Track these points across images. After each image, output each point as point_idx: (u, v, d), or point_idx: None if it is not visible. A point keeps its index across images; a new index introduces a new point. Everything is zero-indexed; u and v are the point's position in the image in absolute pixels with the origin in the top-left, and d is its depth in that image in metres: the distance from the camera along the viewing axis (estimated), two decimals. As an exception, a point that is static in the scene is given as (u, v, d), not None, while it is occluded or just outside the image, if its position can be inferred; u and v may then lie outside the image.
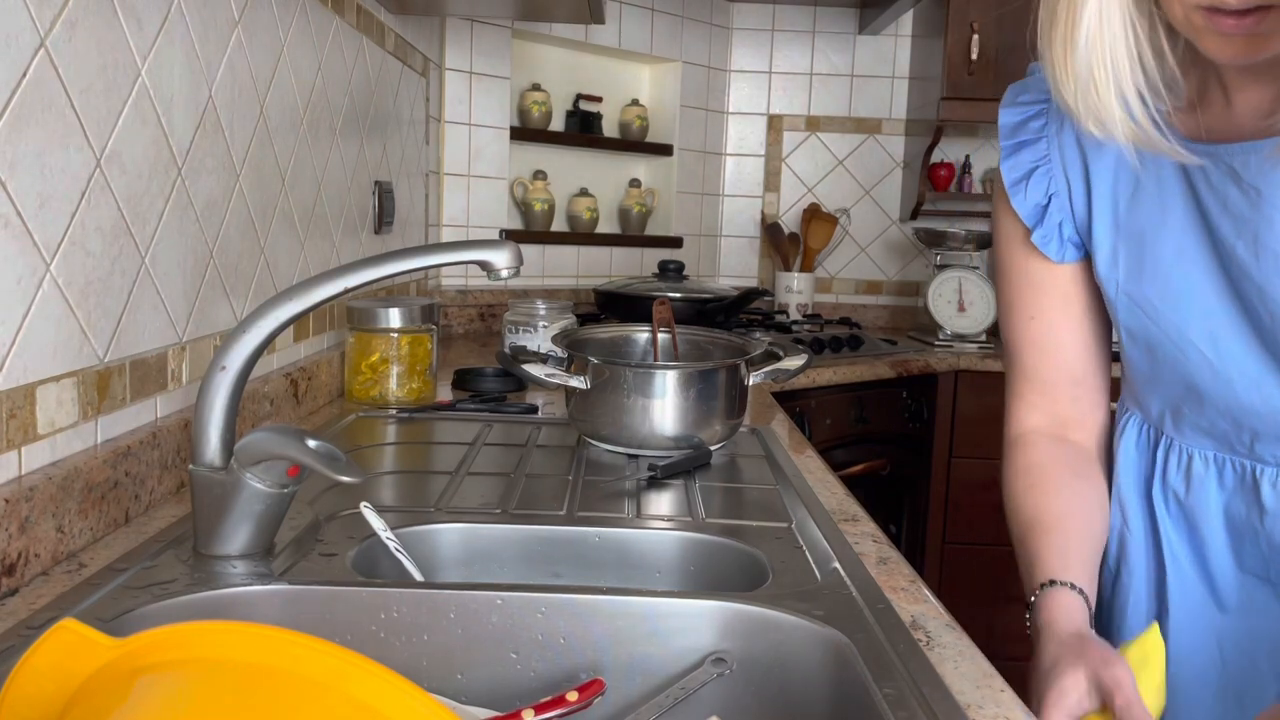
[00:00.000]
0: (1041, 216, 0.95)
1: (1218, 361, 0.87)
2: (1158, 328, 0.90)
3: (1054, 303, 0.98)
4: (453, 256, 0.88)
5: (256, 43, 1.25)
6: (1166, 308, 0.89)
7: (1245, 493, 0.90)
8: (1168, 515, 0.96)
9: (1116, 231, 0.91)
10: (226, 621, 0.46)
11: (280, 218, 1.37)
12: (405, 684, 0.41)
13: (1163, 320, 0.89)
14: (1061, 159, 0.94)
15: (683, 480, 1.19)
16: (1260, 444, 0.88)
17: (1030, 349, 1.01)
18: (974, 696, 0.67)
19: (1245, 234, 0.81)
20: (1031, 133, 0.96)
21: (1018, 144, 0.96)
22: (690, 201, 3.08)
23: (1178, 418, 0.94)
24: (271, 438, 0.82)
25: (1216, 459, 0.92)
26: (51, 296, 0.84)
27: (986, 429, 2.58)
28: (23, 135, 0.79)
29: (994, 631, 2.62)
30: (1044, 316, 0.99)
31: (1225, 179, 0.82)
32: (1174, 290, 0.88)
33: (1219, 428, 0.90)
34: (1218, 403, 0.89)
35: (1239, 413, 0.88)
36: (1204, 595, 0.94)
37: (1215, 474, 0.92)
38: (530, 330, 1.90)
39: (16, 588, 0.78)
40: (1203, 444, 0.93)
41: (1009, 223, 0.98)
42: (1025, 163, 0.96)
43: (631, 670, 0.79)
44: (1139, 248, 0.89)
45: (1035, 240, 0.95)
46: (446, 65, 2.45)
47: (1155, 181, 0.88)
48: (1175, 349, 0.89)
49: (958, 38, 2.71)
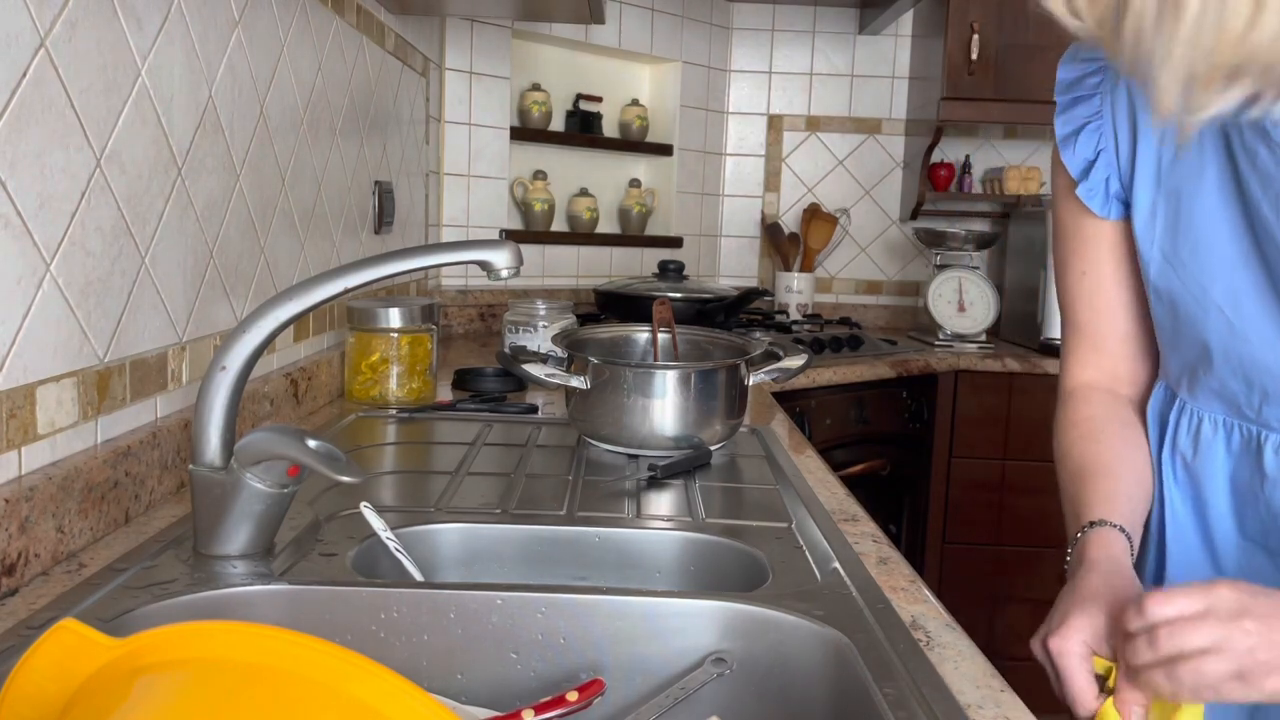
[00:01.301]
0: (1088, 171, 0.96)
1: (1236, 320, 0.88)
2: (1183, 285, 0.91)
3: (1104, 258, 1.00)
4: (453, 256, 0.88)
5: (256, 43, 1.25)
6: (1195, 265, 0.89)
7: (1250, 458, 0.91)
8: (1174, 479, 0.97)
9: (1157, 188, 0.92)
10: (226, 621, 0.46)
11: (280, 218, 1.37)
12: (405, 684, 0.41)
13: (1189, 278, 0.90)
14: (1113, 116, 0.95)
15: (683, 480, 1.19)
16: (1269, 407, 0.88)
17: (1083, 304, 1.02)
18: (974, 696, 0.67)
19: (1270, 192, 0.82)
20: (1087, 89, 0.96)
21: (1073, 99, 0.97)
22: (690, 201, 3.08)
23: (1193, 380, 0.94)
24: (271, 438, 0.82)
25: (1225, 423, 0.93)
26: (51, 296, 0.84)
27: (986, 429, 2.58)
28: (23, 135, 0.79)
29: (994, 631, 2.62)
30: (1095, 271, 1.01)
31: (1256, 137, 0.82)
32: (1203, 248, 0.89)
33: (1230, 389, 0.91)
34: (1232, 362, 0.89)
35: (1253, 372, 0.88)
36: (1204, 561, 0.95)
37: (1223, 438, 0.93)
38: (530, 330, 1.90)
39: (16, 588, 0.78)
40: (1213, 407, 0.93)
41: (1062, 177, 1.00)
42: (1078, 118, 0.97)
43: (631, 670, 0.79)
44: (1175, 205, 0.90)
45: (1080, 194, 0.97)
46: (446, 65, 2.45)
47: (1197, 139, 0.88)
48: (1197, 306, 0.90)
49: (958, 38, 2.71)
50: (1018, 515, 2.59)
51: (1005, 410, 2.55)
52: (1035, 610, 2.85)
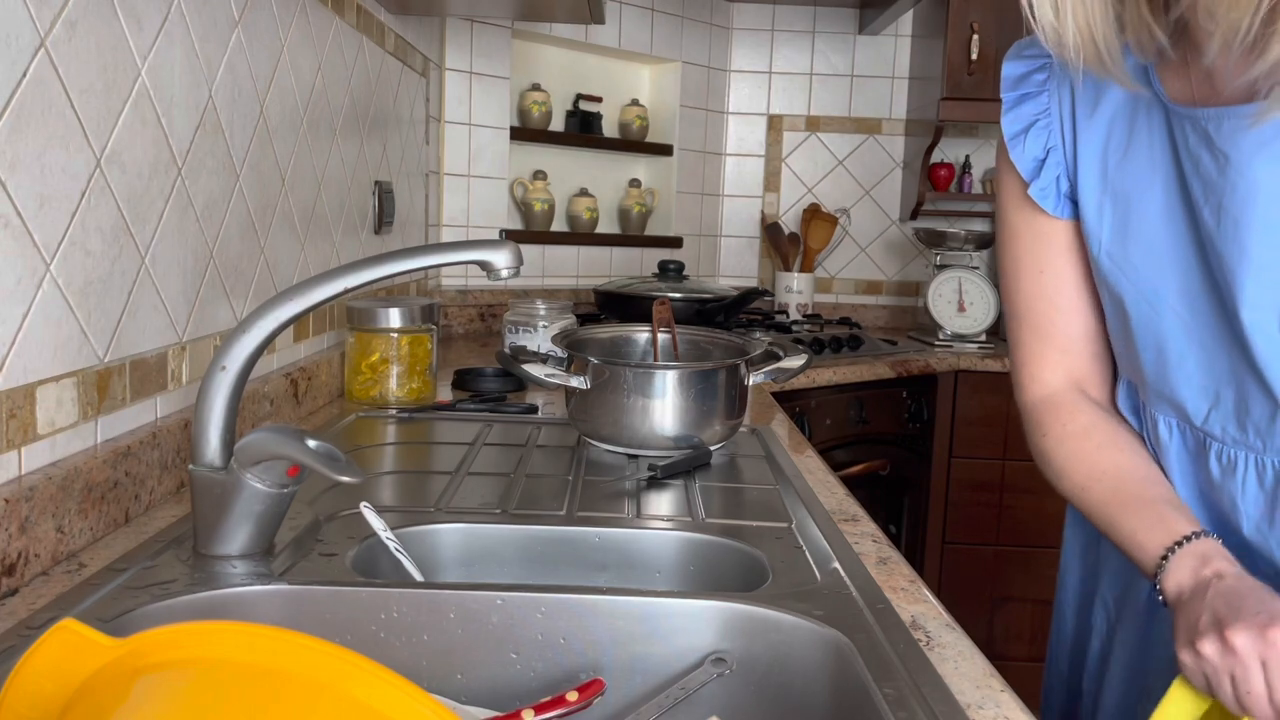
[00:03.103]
0: (1039, 169, 0.95)
1: (1193, 324, 0.87)
2: (1135, 289, 0.89)
3: (1061, 256, 0.97)
4: (453, 256, 0.88)
5: (256, 43, 1.25)
6: (1147, 269, 0.88)
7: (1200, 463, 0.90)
8: None
9: (1104, 190, 0.91)
10: (226, 621, 0.46)
11: (280, 218, 1.37)
12: (405, 684, 0.41)
13: (1141, 281, 0.89)
14: (1059, 113, 0.94)
15: (683, 480, 1.19)
16: (1216, 413, 0.87)
17: (1044, 303, 0.99)
18: (974, 696, 0.67)
19: (1211, 199, 0.81)
20: (1034, 85, 0.95)
21: (1020, 96, 0.96)
22: (690, 201, 3.08)
23: (1143, 384, 0.93)
24: (271, 438, 0.82)
25: (1179, 425, 0.92)
26: (51, 296, 0.84)
27: (986, 429, 2.58)
28: (23, 135, 0.79)
29: (994, 631, 2.62)
30: (1053, 269, 0.98)
31: (1200, 143, 0.82)
32: (1155, 251, 0.87)
33: (1179, 395, 0.90)
34: (1187, 367, 0.88)
35: (1203, 378, 0.87)
36: None
37: (1178, 440, 0.92)
38: (530, 330, 1.90)
39: (16, 588, 0.78)
40: (1164, 410, 0.92)
41: (1011, 178, 0.98)
42: (1026, 116, 0.95)
43: (631, 670, 0.79)
44: (1125, 208, 0.89)
45: (1033, 193, 0.95)
46: (446, 65, 2.45)
47: (1146, 143, 0.87)
48: (1150, 310, 0.89)
49: (958, 38, 2.71)
50: (1018, 515, 2.59)
51: (1005, 410, 2.55)
52: (1035, 610, 2.86)
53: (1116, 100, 0.89)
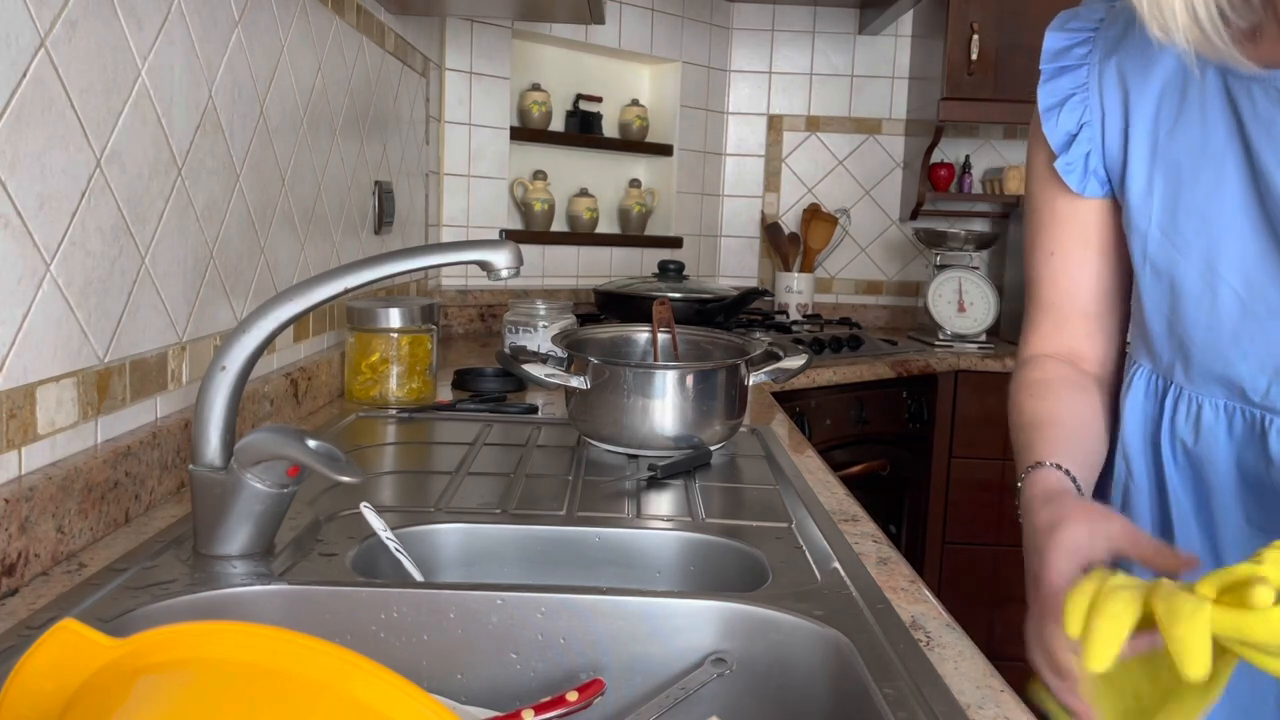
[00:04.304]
0: (1069, 144, 0.95)
1: (1248, 296, 0.85)
2: (1187, 263, 0.88)
3: (1074, 239, 0.99)
4: (453, 256, 0.88)
5: (256, 43, 1.25)
6: (1199, 240, 0.87)
7: (1255, 443, 0.88)
8: (1174, 466, 0.94)
9: (1154, 162, 0.90)
10: (226, 621, 0.46)
11: (280, 218, 1.37)
12: (405, 684, 0.41)
13: (1193, 253, 0.88)
14: (1100, 88, 0.93)
15: (683, 480, 1.19)
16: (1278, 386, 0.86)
17: (1048, 284, 1.02)
18: (974, 696, 0.67)
19: None
20: (1074, 59, 0.95)
21: (1059, 69, 0.95)
22: (690, 201, 3.08)
23: (1190, 364, 0.92)
24: (271, 438, 0.82)
25: (1226, 408, 0.90)
26: (51, 296, 0.84)
27: (986, 429, 2.58)
28: (23, 135, 0.79)
29: (994, 631, 2.62)
30: (1063, 251, 1.00)
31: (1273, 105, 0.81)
32: (1209, 222, 0.86)
33: (1235, 372, 0.88)
34: (1242, 341, 0.87)
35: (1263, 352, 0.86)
36: (1207, 550, 0.92)
37: (1225, 423, 0.90)
38: (530, 330, 1.90)
39: (16, 588, 0.78)
40: (1213, 392, 0.91)
41: (1039, 153, 0.99)
42: (1062, 89, 0.95)
43: (631, 670, 0.79)
44: (1176, 179, 0.88)
45: (1058, 167, 0.95)
46: (446, 65, 2.45)
47: (1199, 111, 0.86)
48: (1203, 283, 0.88)
49: (958, 38, 2.71)
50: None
51: (1005, 410, 2.55)
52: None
53: (1167, 71, 0.88)
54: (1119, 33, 0.93)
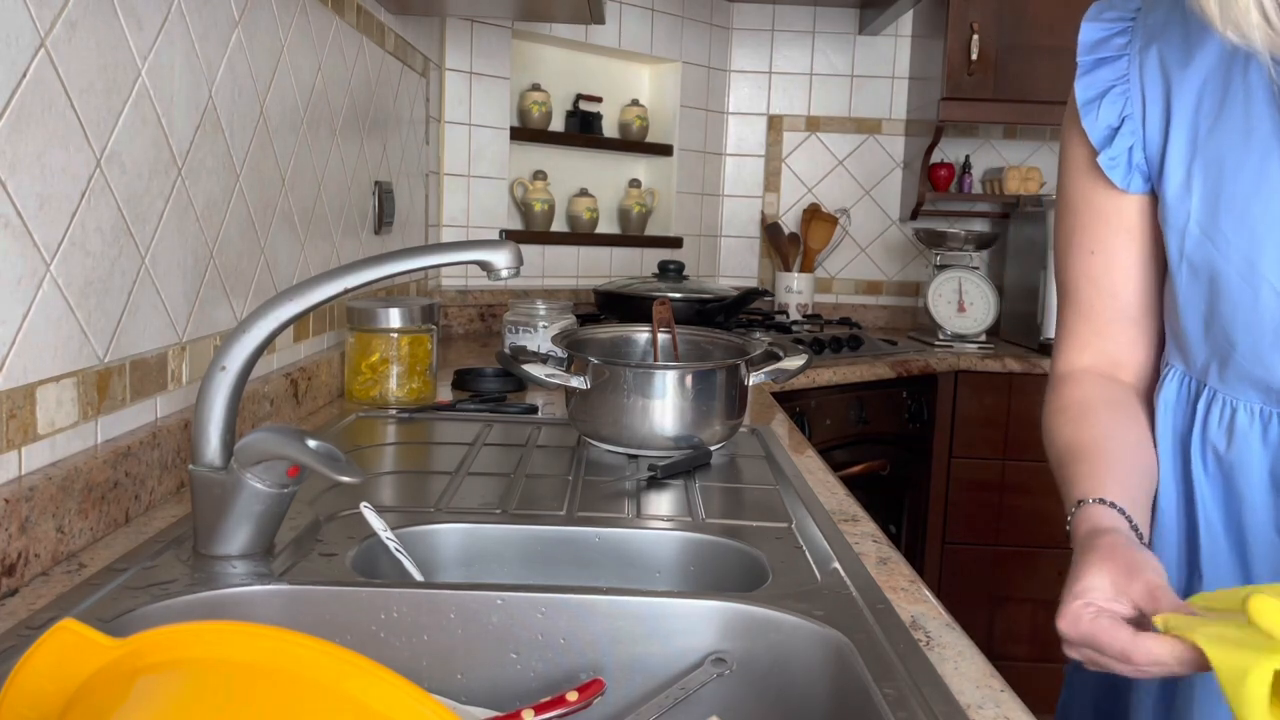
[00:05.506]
0: (1111, 138, 0.91)
1: None
2: (1226, 261, 0.85)
3: (1117, 236, 0.94)
4: (453, 256, 0.88)
5: (256, 43, 1.25)
6: (1240, 239, 0.84)
7: None
8: (1204, 473, 0.91)
9: (1193, 157, 0.87)
10: (226, 621, 0.46)
11: (280, 218, 1.37)
12: (405, 684, 0.41)
13: (1233, 252, 0.85)
14: (1141, 79, 0.90)
15: (683, 480, 1.19)
16: None
17: (1088, 285, 0.97)
18: (974, 696, 0.67)
19: None
20: (1113, 50, 0.91)
21: (1096, 60, 0.92)
22: (690, 201, 3.08)
23: (1226, 366, 0.89)
24: (271, 438, 0.82)
25: (1263, 413, 0.87)
26: (51, 296, 0.84)
27: (986, 429, 2.58)
28: (23, 135, 0.79)
29: (994, 631, 2.62)
30: (1105, 250, 0.95)
31: None
32: (1250, 219, 0.83)
33: (1275, 374, 0.85)
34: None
35: None
36: (1235, 560, 0.90)
37: (1260, 429, 0.88)
38: (530, 330, 1.90)
39: (16, 588, 0.78)
40: (1249, 396, 0.88)
41: (1076, 148, 0.95)
42: (1102, 81, 0.92)
43: (631, 670, 0.79)
44: (1217, 175, 0.85)
45: (1102, 162, 0.91)
46: (446, 65, 2.45)
47: (1243, 104, 0.84)
48: (1243, 283, 0.85)
49: (958, 38, 2.71)
50: (1017, 515, 2.59)
51: (1005, 410, 2.55)
52: (1035, 610, 2.86)
53: (1210, 62, 0.86)
54: (1159, 20, 0.90)
